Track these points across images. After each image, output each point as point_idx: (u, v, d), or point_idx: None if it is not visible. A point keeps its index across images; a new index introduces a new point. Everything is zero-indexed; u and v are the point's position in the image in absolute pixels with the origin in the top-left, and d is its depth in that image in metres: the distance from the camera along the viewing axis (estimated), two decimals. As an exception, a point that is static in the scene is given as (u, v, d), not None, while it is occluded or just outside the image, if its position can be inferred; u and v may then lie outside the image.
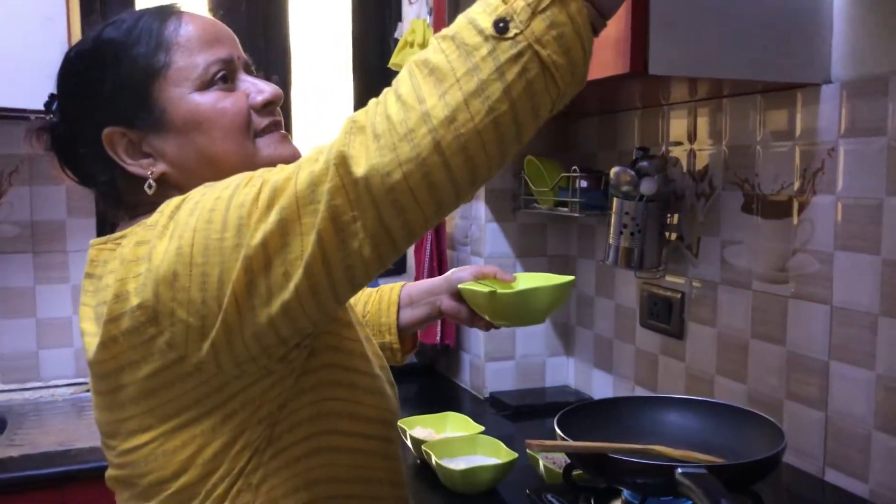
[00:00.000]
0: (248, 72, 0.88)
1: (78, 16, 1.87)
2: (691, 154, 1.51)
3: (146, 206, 0.83)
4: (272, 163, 0.81)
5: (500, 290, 1.02)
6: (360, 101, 2.36)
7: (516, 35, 0.62)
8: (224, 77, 0.83)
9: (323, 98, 2.35)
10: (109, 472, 0.88)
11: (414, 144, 0.62)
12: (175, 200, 0.76)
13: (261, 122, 0.85)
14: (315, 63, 2.34)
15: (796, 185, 1.29)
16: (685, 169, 1.52)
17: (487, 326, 1.10)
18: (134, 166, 0.83)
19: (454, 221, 2.05)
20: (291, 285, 0.68)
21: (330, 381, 0.82)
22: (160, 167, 0.83)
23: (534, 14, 0.62)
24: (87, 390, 1.98)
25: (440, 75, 0.63)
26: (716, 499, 0.81)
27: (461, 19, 0.65)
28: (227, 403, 0.76)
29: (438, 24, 1.73)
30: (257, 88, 0.85)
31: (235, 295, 0.69)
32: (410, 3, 2.15)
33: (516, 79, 0.62)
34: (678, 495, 0.97)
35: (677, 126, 1.55)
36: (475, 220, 1.93)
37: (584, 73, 0.67)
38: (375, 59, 2.34)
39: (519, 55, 0.62)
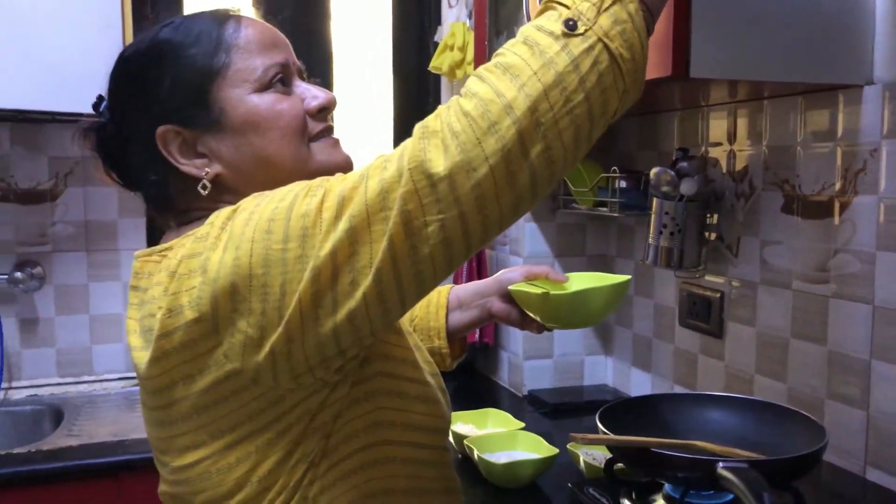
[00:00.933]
0: (302, 77, 0.89)
1: (131, 22, 1.94)
2: (731, 155, 1.52)
3: (197, 212, 0.85)
4: (325, 167, 0.84)
5: (553, 292, 0.99)
6: (401, 103, 2.40)
7: (586, 31, 0.66)
8: (281, 80, 0.84)
9: (364, 100, 2.40)
10: (162, 488, 0.88)
11: (499, 136, 0.64)
12: (225, 211, 0.75)
13: (315, 126, 0.86)
14: (356, 66, 2.38)
15: (837, 186, 1.30)
16: (725, 169, 1.54)
17: (540, 329, 1.07)
18: (188, 166, 0.83)
19: (493, 221, 2.07)
20: (359, 293, 0.68)
21: (382, 391, 0.81)
22: (215, 168, 0.83)
23: (599, 12, 0.67)
24: (138, 384, 2.06)
25: (516, 71, 0.65)
26: (758, 492, 0.83)
27: (527, 28, 0.69)
28: (283, 417, 0.75)
29: (479, 28, 1.76)
30: (312, 94, 0.87)
31: (300, 305, 0.68)
32: (450, 6, 2.18)
33: (590, 70, 0.66)
34: (719, 489, 0.99)
35: (717, 127, 1.56)
36: (514, 220, 1.96)
37: (644, 71, 0.70)
38: (415, 62, 2.38)
39: (591, 48, 0.66)
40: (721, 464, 0.91)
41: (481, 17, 1.74)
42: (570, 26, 0.66)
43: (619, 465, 1.14)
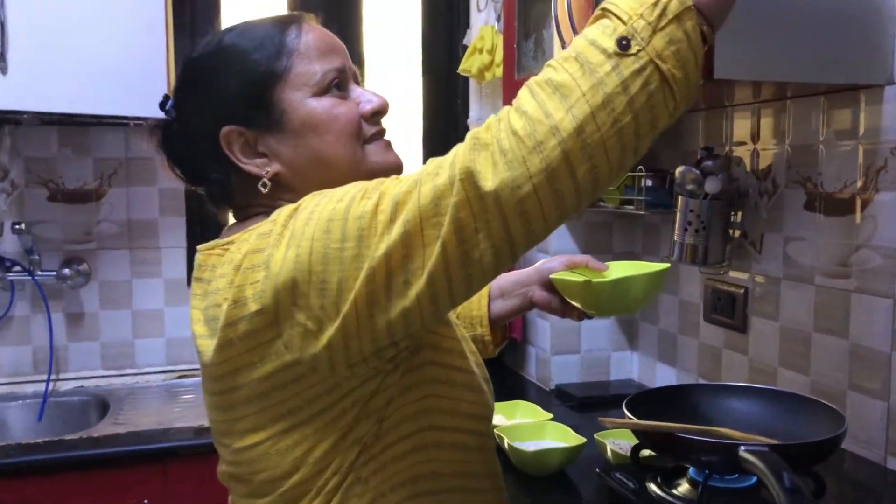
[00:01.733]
0: (356, 82, 0.94)
1: (172, 28, 2.02)
2: (755, 153, 1.56)
3: (256, 208, 0.90)
4: (378, 168, 0.89)
5: (594, 280, 1.03)
6: (429, 104, 2.46)
7: (639, 51, 0.67)
8: (338, 85, 0.89)
9: (393, 100, 2.46)
10: (222, 468, 0.92)
11: (543, 156, 0.66)
12: (287, 209, 0.79)
13: (369, 129, 0.91)
14: (387, 67, 2.45)
15: (859, 183, 1.33)
16: (749, 168, 1.57)
17: (580, 316, 1.10)
18: (249, 165, 0.88)
19: (521, 220, 2.12)
20: (413, 293, 0.71)
21: (431, 379, 0.85)
22: (274, 167, 0.87)
23: (654, 32, 0.67)
24: (179, 377, 2.14)
25: (566, 91, 0.67)
26: (778, 472, 0.87)
27: (580, 41, 0.70)
28: (339, 403, 0.80)
29: (507, 31, 1.81)
30: (366, 98, 0.91)
31: (356, 302, 0.72)
32: (479, 10, 2.24)
33: (639, 91, 0.67)
34: (742, 472, 1.03)
35: (741, 126, 1.60)
36: (542, 218, 2.01)
37: (697, 85, 0.71)
38: (444, 64, 2.44)
39: (641, 69, 0.67)
40: (743, 447, 0.95)
41: (510, 21, 1.79)
42: (623, 45, 0.67)
43: (645, 451, 1.19)
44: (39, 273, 2.03)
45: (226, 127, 0.87)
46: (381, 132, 0.93)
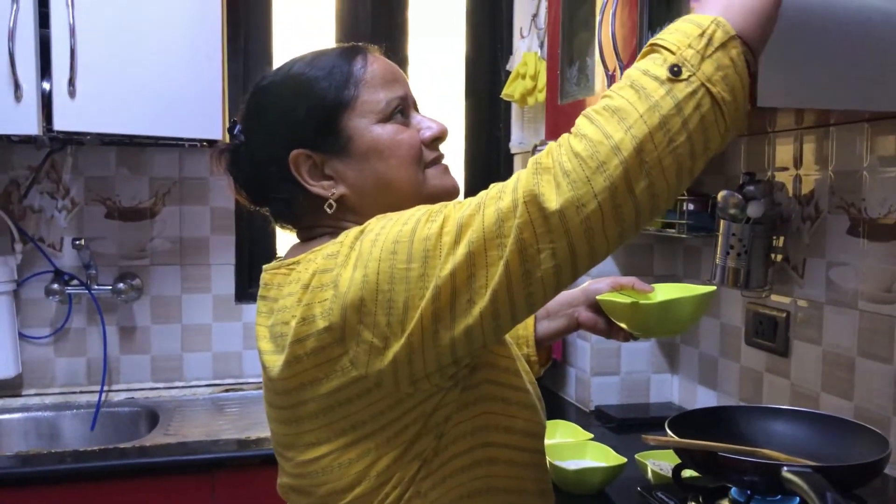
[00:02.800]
0: (416, 109, 0.99)
1: (227, 54, 2.10)
2: (797, 179, 1.57)
3: (321, 229, 0.95)
4: (437, 191, 0.95)
5: (641, 301, 1.04)
6: (472, 128, 2.51)
7: (690, 77, 0.71)
8: (401, 112, 0.94)
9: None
10: (283, 481, 0.95)
11: (607, 175, 0.70)
12: (353, 232, 0.83)
13: (429, 154, 0.96)
14: (430, 91, 2.50)
15: (903, 209, 1.34)
16: (791, 193, 1.58)
17: (626, 338, 1.12)
18: (316, 187, 0.92)
19: (562, 242, 2.15)
20: (476, 311, 0.75)
21: (488, 396, 0.89)
22: (340, 189, 0.92)
23: (703, 59, 0.72)
24: (225, 390, 2.20)
25: (623, 114, 0.71)
26: (821, 492, 0.88)
27: (633, 72, 0.74)
28: (401, 418, 0.84)
29: (551, 57, 1.85)
30: (427, 125, 0.97)
31: (422, 320, 0.76)
32: (522, 36, 2.28)
33: (692, 113, 0.71)
34: (784, 493, 1.04)
35: (783, 152, 1.61)
36: (583, 240, 2.03)
37: (745, 109, 0.75)
38: (487, 89, 2.49)
39: (693, 93, 0.71)
40: (786, 467, 0.96)
41: (554, 48, 1.83)
42: (675, 72, 0.71)
43: (687, 471, 1.20)
44: (96, 287, 2.11)
45: (295, 150, 0.92)
46: (440, 157, 0.98)
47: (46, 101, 1.73)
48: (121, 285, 2.13)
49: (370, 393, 0.82)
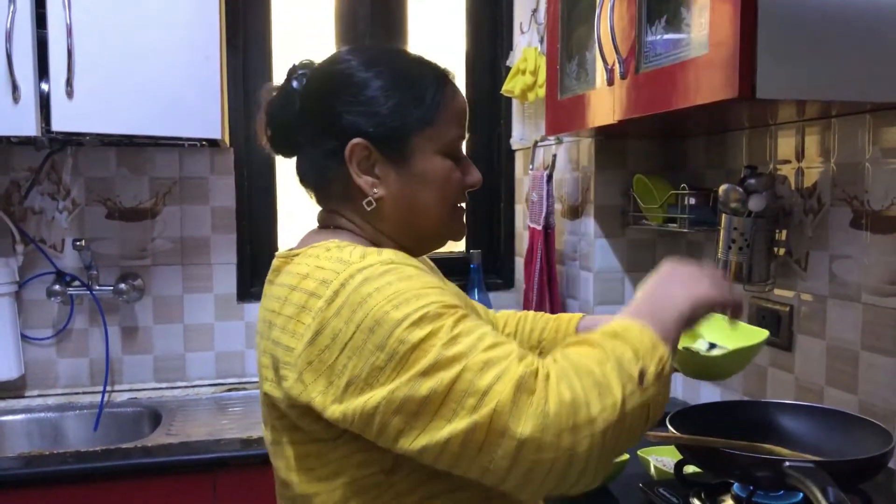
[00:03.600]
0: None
1: (226, 52, 2.10)
2: (799, 172, 1.56)
3: (342, 220, 0.99)
4: (451, 234, 1.02)
5: (692, 348, 1.07)
6: (472, 124, 2.49)
7: (647, 388, 0.80)
8: (458, 149, 1.00)
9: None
10: None
11: (575, 439, 0.76)
12: (350, 277, 0.84)
13: (461, 198, 1.02)
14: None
15: (906, 201, 1.32)
16: (793, 186, 1.57)
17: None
18: (360, 179, 0.95)
19: (564, 237, 2.14)
20: (420, 444, 0.79)
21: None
22: (381, 191, 0.96)
23: (657, 378, 0.81)
24: (228, 390, 2.20)
25: (602, 390, 0.78)
26: (823, 487, 0.87)
27: (622, 348, 0.82)
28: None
29: (551, 53, 1.84)
30: (471, 171, 1.02)
31: (378, 413, 0.80)
32: (522, 32, 2.27)
33: (637, 417, 0.80)
34: (787, 488, 1.03)
35: (785, 145, 1.60)
36: (584, 235, 2.03)
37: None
38: (488, 85, 2.48)
39: (645, 404, 0.80)
40: (788, 462, 0.95)
41: (553, 43, 1.82)
42: (640, 378, 0.80)
43: (689, 467, 1.19)
44: (97, 288, 2.11)
45: (359, 139, 0.94)
46: (465, 201, 1.04)
47: (45, 101, 1.73)
48: (122, 286, 2.13)
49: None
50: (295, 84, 1.00)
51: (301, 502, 0.93)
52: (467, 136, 1.03)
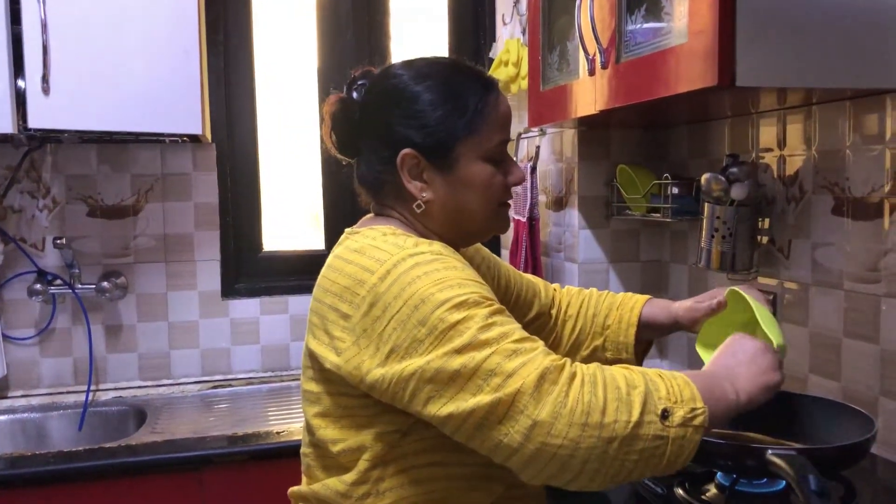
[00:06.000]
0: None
1: (206, 48, 2.08)
2: (781, 160, 1.56)
3: (394, 212, 1.08)
4: (498, 228, 1.10)
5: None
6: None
7: (666, 427, 0.86)
8: (501, 152, 1.07)
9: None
10: None
11: (582, 435, 0.83)
12: (402, 260, 0.94)
13: (505, 196, 1.09)
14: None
15: (887, 188, 1.33)
16: (775, 174, 1.57)
17: None
18: (410, 185, 1.04)
19: (548, 229, 2.14)
20: (436, 412, 0.88)
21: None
22: (429, 195, 1.05)
23: (683, 425, 0.87)
24: (214, 387, 2.19)
25: (621, 405, 0.85)
26: (804, 475, 0.88)
27: (657, 381, 0.88)
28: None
29: (532, 43, 1.83)
30: (514, 171, 1.09)
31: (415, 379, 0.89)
32: (504, 23, 2.27)
33: (651, 448, 0.86)
34: (769, 476, 1.04)
35: (767, 133, 1.60)
36: (568, 227, 2.03)
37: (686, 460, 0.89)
38: (471, 78, 2.47)
39: (659, 437, 0.86)
40: (770, 450, 0.96)
41: (535, 34, 1.82)
42: (664, 415, 0.86)
43: (673, 456, 1.19)
44: (79, 286, 2.09)
45: (410, 149, 1.03)
46: (511, 197, 1.11)
47: (20, 99, 1.71)
48: (105, 284, 2.11)
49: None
50: (355, 95, 1.10)
51: (320, 444, 1.03)
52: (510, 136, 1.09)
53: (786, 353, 1.09)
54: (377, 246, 0.98)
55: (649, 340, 1.33)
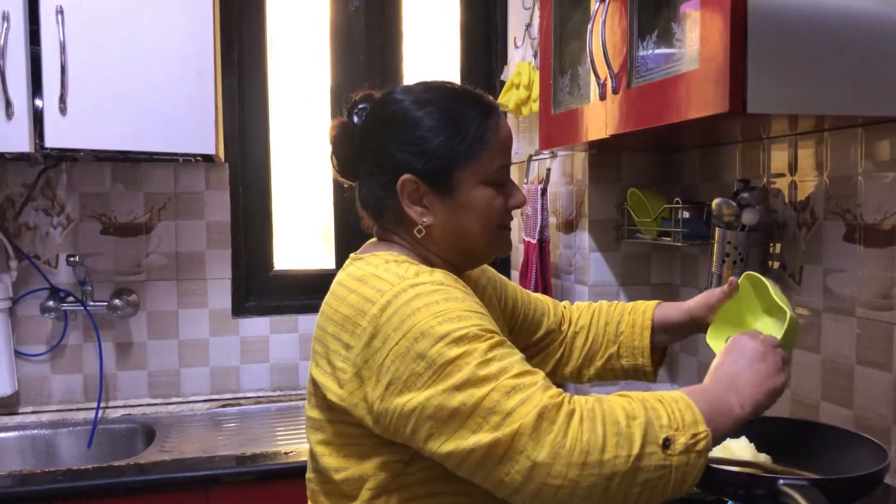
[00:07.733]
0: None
1: (220, 69, 2.10)
2: (792, 185, 1.56)
3: (396, 237, 1.08)
4: (497, 252, 1.10)
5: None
6: (468, 139, 2.50)
7: (669, 456, 0.86)
8: (502, 176, 1.07)
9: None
10: None
11: (582, 474, 0.84)
12: (403, 291, 0.94)
13: (506, 218, 1.09)
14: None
15: (899, 215, 1.32)
16: (787, 199, 1.57)
17: None
18: (411, 210, 1.04)
19: (559, 251, 2.14)
20: (447, 448, 0.88)
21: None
22: (430, 220, 1.05)
23: (686, 452, 0.87)
24: (223, 406, 2.19)
25: (621, 440, 0.85)
26: (817, 506, 0.87)
27: (655, 405, 0.89)
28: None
29: (544, 67, 1.84)
30: (514, 193, 1.09)
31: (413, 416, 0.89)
32: (516, 46, 2.28)
33: (654, 478, 0.86)
34: (781, 506, 1.02)
35: (778, 158, 1.60)
36: (579, 249, 2.02)
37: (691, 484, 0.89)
38: (482, 99, 2.48)
39: (663, 467, 0.86)
40: (782, 480, 0.95)
41: (546, 57, 1.83)
42: (666, 444, 0.86)
43: (684, 484, 1.18)
44: (91, 303, 2.10)
45: (409, 175, 1.03)
46: (511, 219, 1.11)
47: (38, 118, 1.73)
48: (117, 301, 2.12)
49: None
50: (355, 119, 1.09)
51: (323, 472, 1.03)
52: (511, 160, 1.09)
53: (796, 336, 1.10)
54: (378, 275, 0.98)
55: (664, 349, 1.31)
